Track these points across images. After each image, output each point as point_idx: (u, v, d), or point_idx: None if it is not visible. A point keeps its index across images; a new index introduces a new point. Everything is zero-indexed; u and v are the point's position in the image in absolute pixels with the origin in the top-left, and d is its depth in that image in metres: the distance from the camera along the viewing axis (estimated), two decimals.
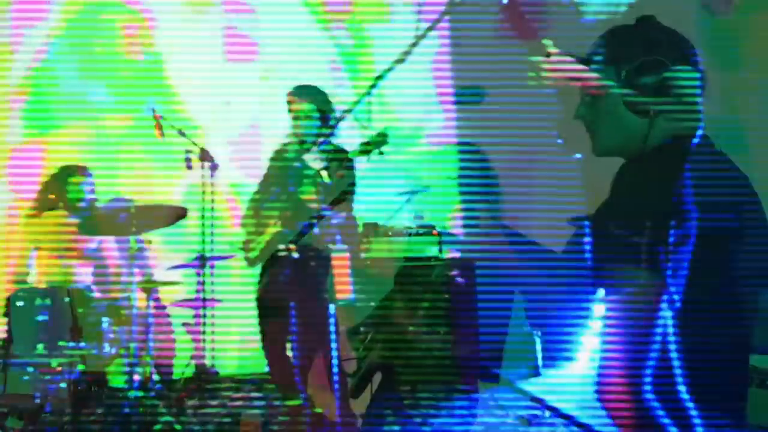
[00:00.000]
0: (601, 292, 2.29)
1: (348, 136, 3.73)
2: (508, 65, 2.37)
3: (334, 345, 2.66)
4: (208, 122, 5.85)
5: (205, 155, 5.25)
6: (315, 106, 3.96)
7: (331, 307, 2.65)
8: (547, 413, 4.28)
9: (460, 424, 4.15)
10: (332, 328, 2.66)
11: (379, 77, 2.47)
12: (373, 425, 4.18)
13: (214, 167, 5.31)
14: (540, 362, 5.27)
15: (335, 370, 2.67)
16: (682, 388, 2.17)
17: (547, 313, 5.44)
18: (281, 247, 3.20)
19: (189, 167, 5.31)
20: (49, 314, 3.80)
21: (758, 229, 4.49)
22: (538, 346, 5.29)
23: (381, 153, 3.18)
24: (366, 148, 3.23)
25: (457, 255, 5.64)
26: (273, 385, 4.20)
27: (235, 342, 5.46)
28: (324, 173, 2.72)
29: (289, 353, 3.92)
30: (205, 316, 5.26)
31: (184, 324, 5.70)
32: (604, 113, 2.17)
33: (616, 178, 2.22)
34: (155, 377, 4.23)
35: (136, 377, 3.94)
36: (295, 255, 3.07)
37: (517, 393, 4.82)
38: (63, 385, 3.82)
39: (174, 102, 5.93)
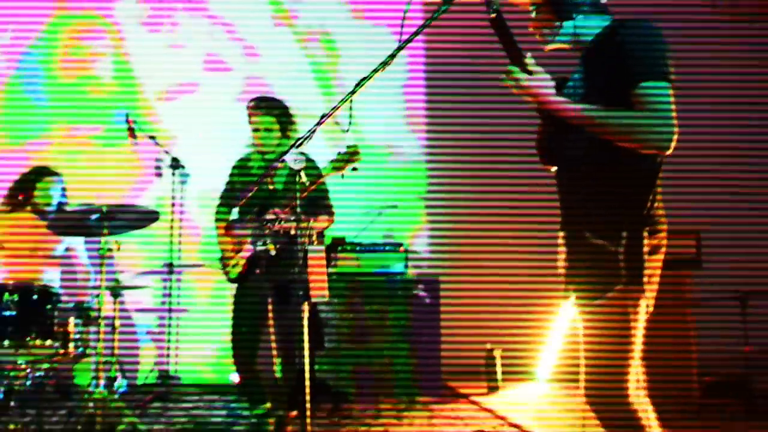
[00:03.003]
0: (572, 301, 2.33)
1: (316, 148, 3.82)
2: (483, 82, 2.45)
3: (306, 344, 2.69)
4: (180, 131, 5.91)
5: (176, 164, 5.31)
6: (274, 118, 4.03)
7: (306, 306, 2.69)
8: (504, 426, 4.37)
9: None
10: (305, 328, 2.70)
11: (363, 80, 2.56)
12: None
13: (184, 176, 5.36)
14: (500, 378, 5.38)
15: (305, 373, 2.70)
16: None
17: (508, 330, 5.57)
18: (260, 244, 3.25)
19: (159, 175, 5.35)
20: (16, 310, 3.76)
21: None
22: (498, 363, 5.39)
23: (354, 169, 3.21)
24: (338, 165, 3.27)
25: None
26: (241, 391, 4.20)
27: (198, 351, 5.47)
28: (303, 175, 2.79)
29: (259, 359, 3.95)
30: (170, 324, 5.28)
31: (148, 332, 5.71)
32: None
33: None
34: (120, 380, 4.22)
35: (102, 378, 3.91)
36: (273, 253, 3.13)
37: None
38: (28, 382, 3.78)
39: (145, 108, 5.98)
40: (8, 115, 5.87)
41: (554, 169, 2.41)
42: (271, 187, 3.83)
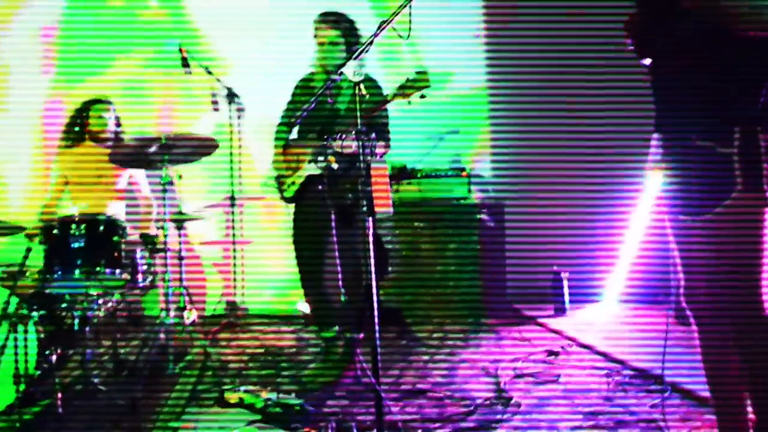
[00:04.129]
0: (672, 214, 2.14)
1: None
2: None
3: (372, 260, 2.62)
4: (234, 61, 5.84)
5: (231, 96, 5.26)
6: (340, 32, 3.93)
7: (370, 221, 2.63)
8: (573, 345, 4.31)
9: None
10: (370, 244, 2.64)
11: None
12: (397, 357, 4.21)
13: (240, 110, 5.31)
14: (567, 301, 5.30)
15: (373, 289, 2.64)
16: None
17: (574, 254, 5.46)
18: (321, 159, 3.17)
19: (215, 109, 5.31)
20: (84, 241, 3.79)
21: None
22: (565, 285, 5.30)
23: (422, 96, 3.04)
24: (407, 91, 3.09)
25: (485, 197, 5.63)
26: (311, 314, 4.20)
27: (264, 281, 5.51)
28: (363, 88, 2.69)
29: (326, 281, 3.93)
30: (235, 256, 5.32)
31: (214, 264, 5.77)
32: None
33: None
34: (189, 310, 4.26)
35: (171, 308, 3.95)
36: (335, 166, 3.05)
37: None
38: (101, 311, 3.83)
39: (198, 39, 5.92)
40: (63, 58, 5.89)
41: (648, 61, 2.14)
42: (329, 105, 3.73)
